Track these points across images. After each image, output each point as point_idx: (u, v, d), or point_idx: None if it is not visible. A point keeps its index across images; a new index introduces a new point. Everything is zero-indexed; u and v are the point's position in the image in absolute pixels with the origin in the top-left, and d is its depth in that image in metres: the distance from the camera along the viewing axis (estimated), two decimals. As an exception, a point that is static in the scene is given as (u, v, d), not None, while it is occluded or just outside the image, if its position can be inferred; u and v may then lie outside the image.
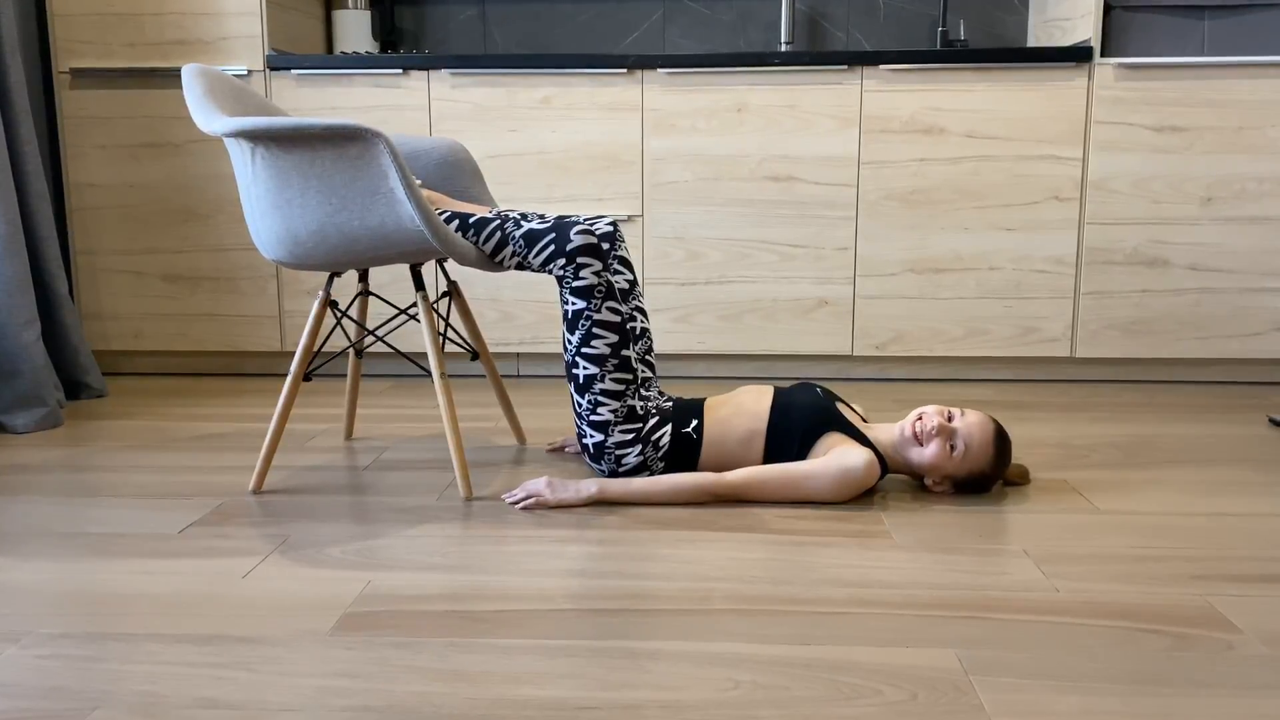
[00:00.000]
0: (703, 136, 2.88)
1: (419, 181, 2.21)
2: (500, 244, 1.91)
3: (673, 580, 1.53)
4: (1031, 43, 3.29)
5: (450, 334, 3.07)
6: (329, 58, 2.89)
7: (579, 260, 1.88)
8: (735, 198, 2.90)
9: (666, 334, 2.97)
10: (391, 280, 3.00)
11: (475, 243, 1.92)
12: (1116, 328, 2.89)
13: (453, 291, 2.18)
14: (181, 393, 2.88)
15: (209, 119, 1.81)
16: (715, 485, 1.85)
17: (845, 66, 2.82)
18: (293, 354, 3.07)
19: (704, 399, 2.01)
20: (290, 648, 1.31)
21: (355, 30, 3.29)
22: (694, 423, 1.95)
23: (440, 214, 1.95)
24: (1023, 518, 1.80)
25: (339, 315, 2.02)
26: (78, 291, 3.04)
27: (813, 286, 2.93)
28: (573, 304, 1.90)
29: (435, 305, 2.58)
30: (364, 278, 2.20)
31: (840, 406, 1.97)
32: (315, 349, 2.85)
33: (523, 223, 1.93)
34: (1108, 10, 2.80)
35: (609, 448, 1.92)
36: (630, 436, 1.92)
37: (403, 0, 3.44)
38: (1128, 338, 2.89)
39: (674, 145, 2.89)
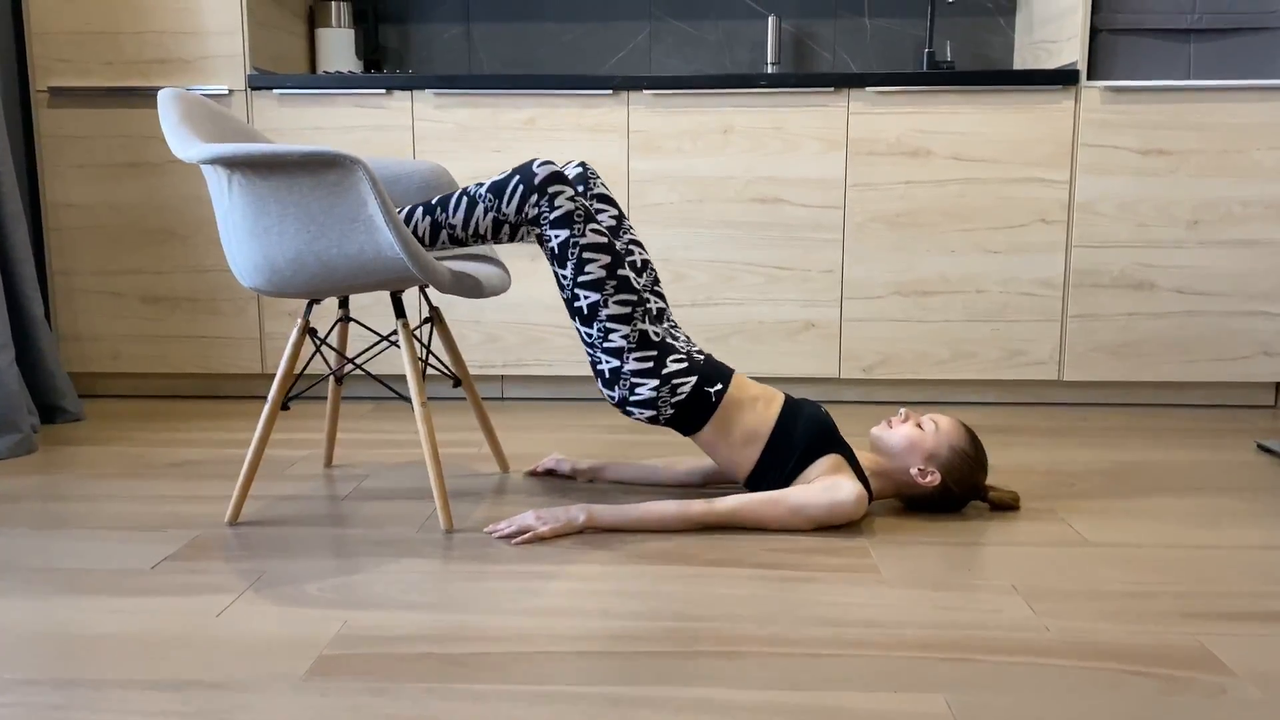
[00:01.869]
0: (688, 158, 2.86)
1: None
2: (469, 208, 1.86)
3: (657, 620, 1.49)
4: (1018, 64, 3.29)
5: (433, 360, 3.04)
6: (311, 77, 2.86)
7: (550, 190, 1.82)
8: (721, 219, 2.88)
9: (652, 356, 2.94)
10: (374, 301, 2.96)
11: (445, 219, 1.87)
12: (1104, 351, 2.88)
13: (435, 318, 2.15)
14: (159, 416, 2.84)
15: (184, 146, 1.78)
16: (704, 515, 1.83)
17: (832, 88, 2.81)
18: (273, 376, 3.03)
19: (734, 371, 1.96)
20: (263, 694, 1.28)
21: (339, 49, 3.26)
22: (719, 387, 1.90)
23: (401, 211, 1.92)
24: (1011, 550, 1.78)
25: (318, 343, 1.99)
26: (55, 313, 3.00)
27: (799, 309, 2.91)
28: (556, 236, 1.84)
29: (417, 331, 2.55)
30: (344, 303, 2.17)
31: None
32: (295, 375, 2.82)
33: (484, 182, 1.88)
34: (1094, 33, 2.79)
35: (625, 374, 1.86)
36: (648, 365, 1.86)
37: (387, 19, 3.41)
38: (1115, 361, 2.88)
39: (660, 167, 2.87)
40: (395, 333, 2.28)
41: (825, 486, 1.82)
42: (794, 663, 1.36)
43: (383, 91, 2.87)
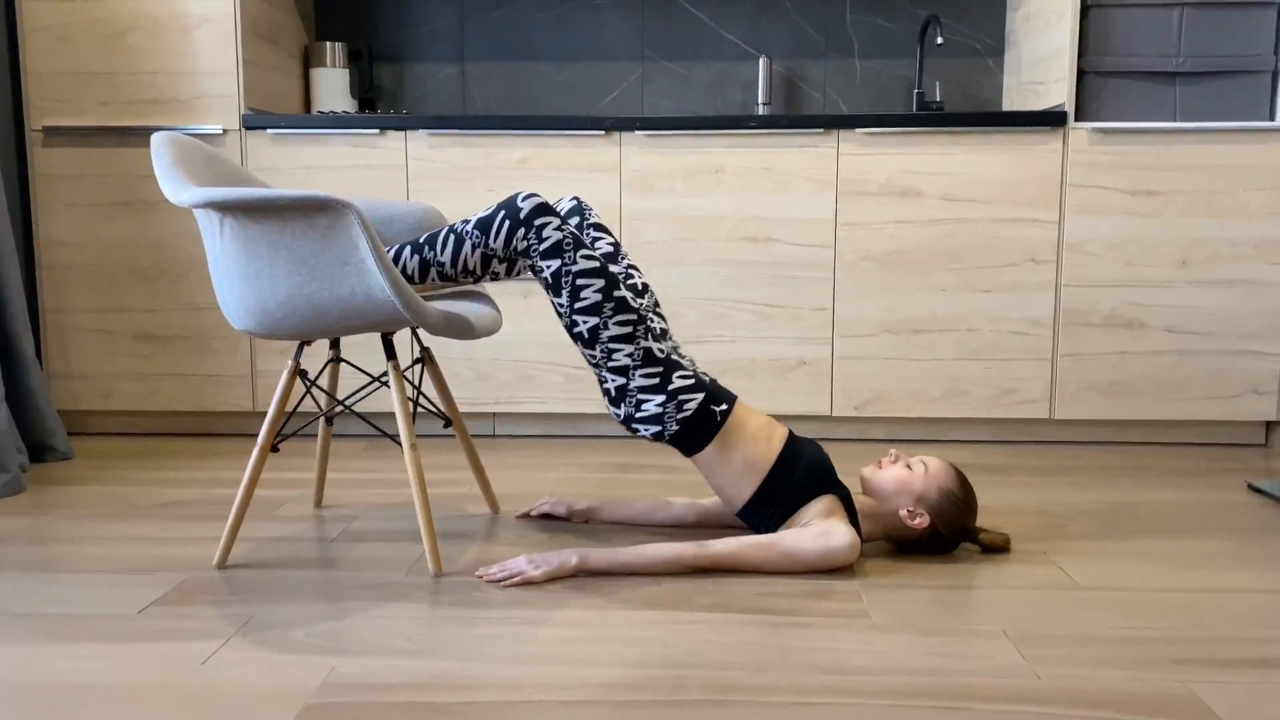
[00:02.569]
0: (680, 197, 2.88)
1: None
2: (457, 245, 1.87)
3: (646, 668, 1.49)
4: (1006, 106, 3.32)
5: (423, 399, 3.03)
6: (305, 117, 2.88)
7: (536, 222, 1.83)
8: (713, 258, 2.90)
9: (644, 395, 2.95)
10: (365, 340, 2.96)
11: (433, 257, 1.88)
12: (1095, 389, 2.89)
13: (426, 358, 2.15)
14: (149, 454, 2.83)
15: (177, 190, 1.79)
16: (697, 558, 1.82)
17: (822, 129, 2.83)
18: (264, 414, 3.02)
19: (737, 397, 1.96)
20: (247, 746, 1.26)
21: (334, 89, 3.28)
22: (725, 407, 1.90)
23: (390, 250, 1.92)
24: (1002, 594, 1.77)
25: (308, 384, 1.99)
26: (46, 350, 3.00)
27: (791, 346, 2.92)
28: (548, 267, 1.84)
29: (408, 372, 2.55)
30: (335, 343, 2.17)
31: None
32: (285, 415, 2.81)
33: (470, 219, 1.90)
34: (1081, 75, 2.82)
35: (631, 390, 1.86)
36: (655, 381, 1.86)
37: (382, 59, 3.44)
38: (1106, 399, 2.89)
39: (652, 205, 2.88)
40: (386, 373, 2.28)
41: (819, 533, 1.82)
42: (785, 712, 1.35)
43: (376, 131, 2.89)
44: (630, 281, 2.03)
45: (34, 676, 1.46)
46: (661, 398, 1.86)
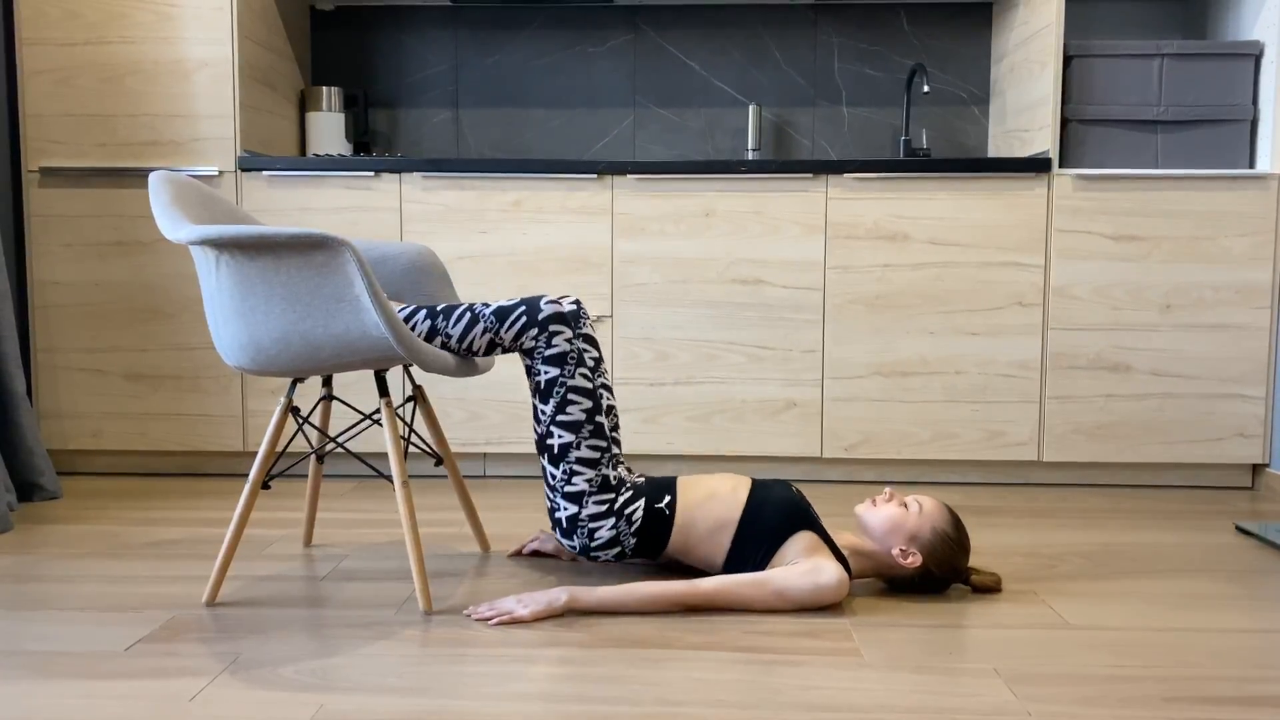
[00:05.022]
0: (671, 240, 2.91)
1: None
2: (470, 324, 1.93)
3: (638, 705, 1.48)
4: (992, 152, 3.38)
5: (415, 438, 3.04)
6: (300, 160, 2.91)
7: (551, 329, 1.91)
8: (703, 299, 2.92)
9: (635, 434, 2.96)
10: (357, 379, 2.97)
11: (444, 328, 1.93)
12: (1082, 432, 2.91)
13: (418, 396, 2.16)
14: (138, 494, 2.82)
15: (174, 227, 1.81)
16: (687, 596, 1.82)
17: (811, 175, 2.88)
18: (254, 455, 3.02)
19: (675, 477, 2.00)
20: (234, 782, 1.25)
21: (329, 132, 3.32)
22: (667, 499, 1.94)
23: (402, 310, 1.96)
24: (993, 633, 1.78)
25: (300, 422, 1.99)
26: (36, 389, 2.99)
27: (781, 388, 2.94)
28: (545, 373, 1.92)
29: (400, 410, 2.56)
30: (328, 381, 2.18)
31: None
32: (277, 454, 2.81)
33: (490, 302, 1.95)
34: (1064, 123, 2.88)
35: (582, 520, 1.92)
36: (604, 508, 1.92)
37: (377, 104, 3.49)
38: (1093, 442, 2.91)
39: (643, 248, 2.92)
40: (378, 411, 2.29)
41: (807, 569, 1.82)
42: (775, 749, 1.34)
43: (371, 174, 2.92)
44: (604, 403, 2.06)
45: (19, 714, 1.44)
46: (612, 520, 1.93)
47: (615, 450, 2.00)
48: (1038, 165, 2.83)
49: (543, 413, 1.93)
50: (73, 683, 1.55)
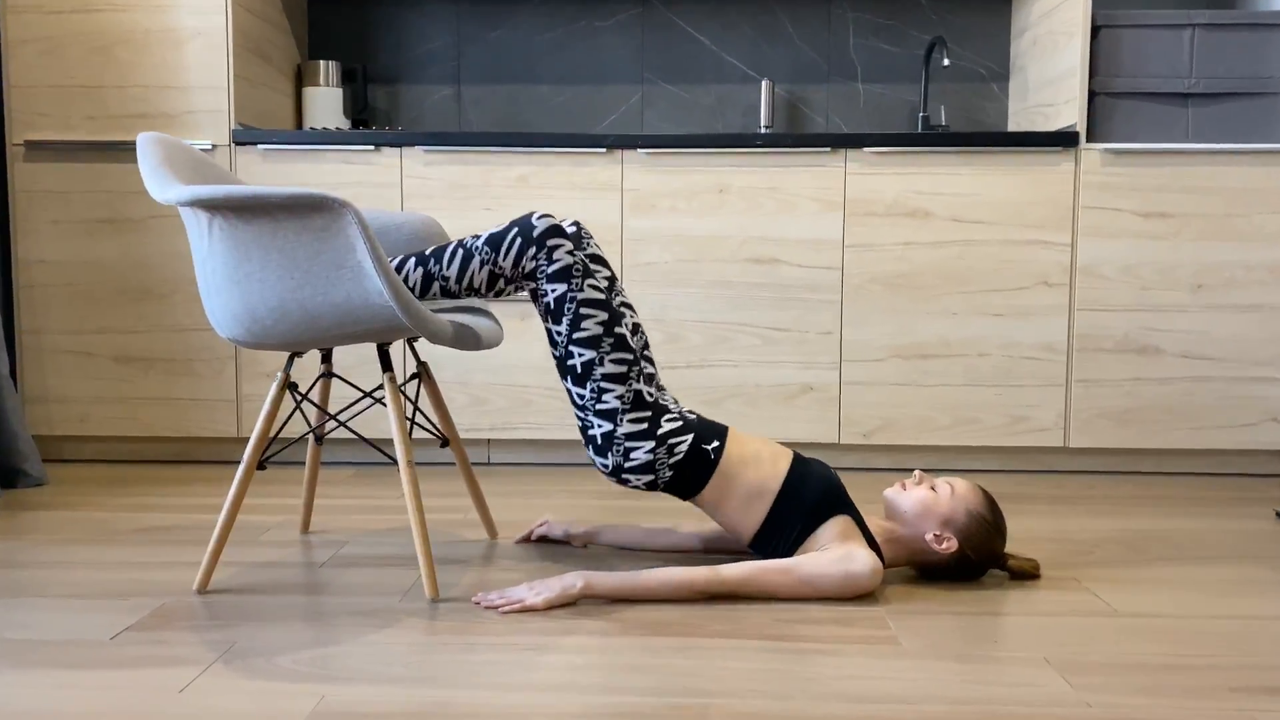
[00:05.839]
0: (683, 217, 2.80)
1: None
2: (465, 260, 1.79)
3: (663, 695, 1.37)
4: (1012, 130, 3.27)
5: (419, 418, 2.92)
6: (297, 133, 2.80)
7: (549, 243, 1.76)
8: (716, 279, 2.81)
9: (645, 421, 2.84)
10: (357, 363, 2.86)
11: (438, 271, 1.80)
12: (1108, 417, 2.80)
13: (422, 373, 2.05)
14: (128, 481, 2.70)
15: (163, 187, 1.69)
16: (710, 583, 1.71)
17: (828, 149, 2.77)
18: (249, 440, 2.90)
19: (728, 427, 1.87)
20: (227, 779, 1.14)
21: (326, 109, 3.21)
22: (716, 444, 1.81)
23: (392, 261, 1.83)
24: (1037, 620, 1.67)
25: (298, 398, 1.88)
26: (21, 372, 2.87)
27: (796, 371, 2.83)
28: (552, 291, 1.77)
29: (403, 388, 2.44)
30: (327, 358, 2.07)
31: None
32: (273, 434, 2.69)
33: (479, 233, 1.81)
34: (1092, 97, 2.77)
35: (618, 438, 1.77)
36: (642, 427, 1.77)
37: (376, 80, 3.37)
38: (1120, 428, 2.80)
39: (654, 226, 2.81)
40: (380, 388, 2.17)
41: (839, 557, 1.71)
42: (817, 742, 1.24)
43: (371, 148, 2.81)
44: (624, 319, 1.94)
45: (-6, 705, 1.33)
46: (651, 444, 1.78)
47: (649, 369, 1.86)
48: (1065, 140, 2.73)
49: (557, 334, 1.78)
50: (53, 673, 1.43)
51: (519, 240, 1.77)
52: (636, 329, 1.94)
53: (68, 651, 1.51)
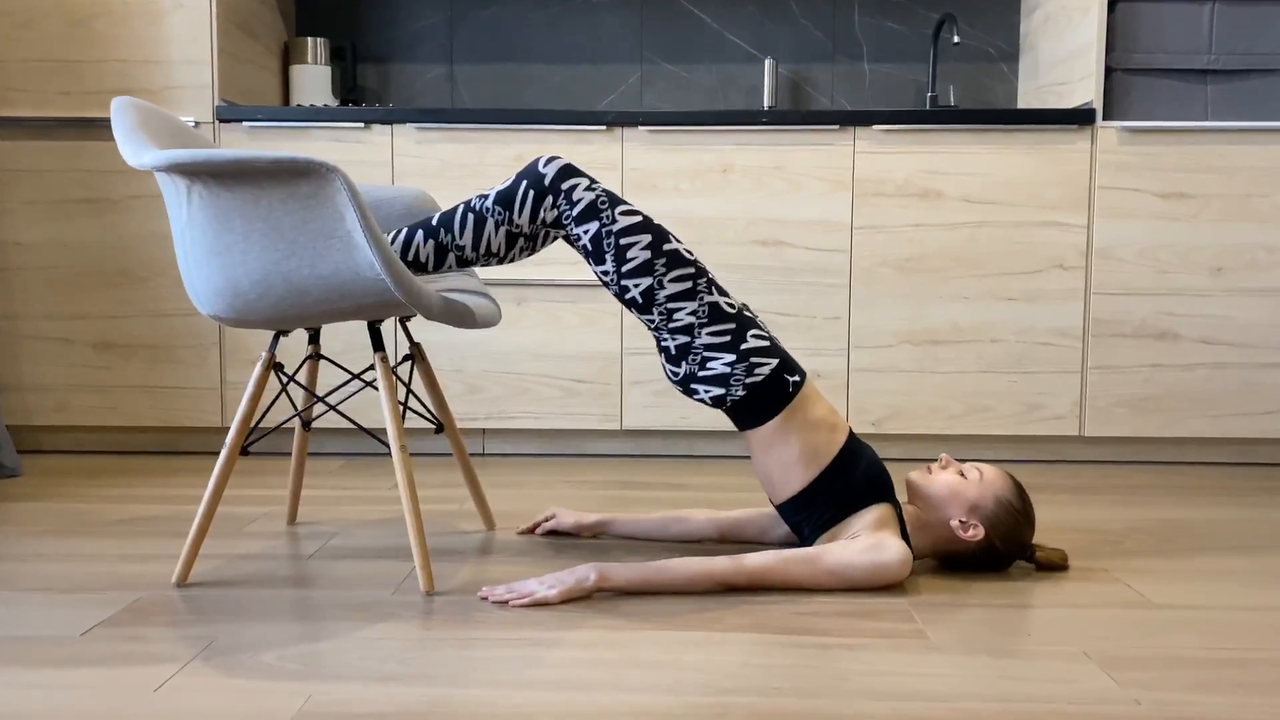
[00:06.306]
0: (686, 198, 2.70)
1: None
2: (478, 225, 1.66)
3: (680, 694, 1.27)
4: (1023, 110, 3.18)
5: (413, 403, 2.82)
6: (284, 110, 2.68)
7: (563, 186, 1.64)
8: (720, 262, 2.71)
9: (645, 409, 2.74)
10: (346, 349, 2.75)
11: (451, 242, 1.68)
12: (1125, 405, 2.71)
13: (416, 355, 1.94)
14: (108, 472, 2.58)
15: (138, 152, 1.58)
16: (731, 573, 1.61)
17: (836, 126, 2.67)
18: (235, 430, 2.79)
19: (807, 374, 1.75)
20: (204, 787, 1.03)
21: (314, 87, 3.09)
22: (797, 379, 1.69)
23: (391, 236, 1.71)
24: (1072, 613, 1.57)
25: (284, 380, 1.77)
26: (-4, 360, 2.76)
27: (803, 358, 2.73)
28: (585, 232, 1.64)
29: (396, 371, 2.34)
30: (315, 339, 1.96)
31: None
32: (257, 419, 2.58)
33: (487, 193, 1.69)
34: (1108, 73, 2.68)
35: (696, 348, 1.65)
36: (725, 339, 1.65)
37: (366, 58, 3.26)
38: (1137, 416, 2.71)
39: (655, 206, 2.70)
40: (370, 369, 2.06)
41: (868, 545, 1.61)
42: (850, 744, 1.14)
43: (361, 125, 2.70)
44: (671, 235, 1.81)
45: (-50, 706, 1.22)
46: (731, 356, 1.65)
47: (709, 277, 1.70)
48: (1081, 117, 2.63)
49: (605, 274, 1.65)
50: (17, 671, 1.32)
51: (531, 193, 1.65)
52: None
53: (34, 648, 1.40)
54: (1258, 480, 2.57)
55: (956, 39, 2.86)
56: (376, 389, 1.70)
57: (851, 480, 1.67)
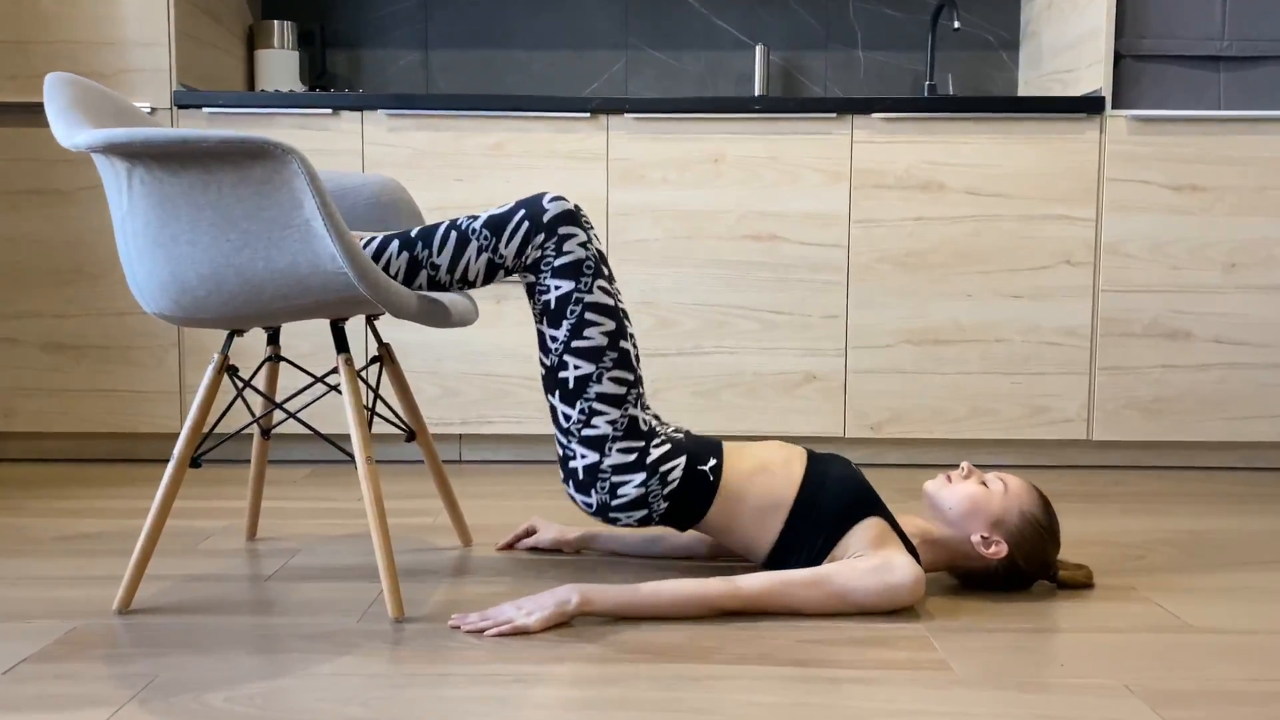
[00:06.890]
0: (675, 189, 2.55)
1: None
2: (459, 245, 1.51)
3: (680, 741, 1.12)
4: (1024, 100, 3.05)
5: (381, 409, 2.66)
6: (247, 95, 2.52)
7: (560, 232, 1.51)
8: (711, 258, 2.57)
9: (633, 413, 2.59)
10: (312, 350, 2.58)
11: (427, 258, 1.53)
12: (1135, 407, 2.58)
13: (384, 356, 1.78)
14: (56, 482, 2.41)
15: (72, 131, 1.42)
16: (727, 597, 1.46)
17: (833, 114, 2.53)
18: (194, 436, 2.62)
19: (721, 440, 1.63)
20: None
21: (281, 73, 2.93)
22: (713, 461, 1.57)
23: (365, 241, 1.56)
24: (1103, 638, 1.43)
25: (240, 385, 1.61)
26: (-63, 362, 2.58)
27: (799, 359, 2.59)
28: (557, 288, 1.52)
29: (363, 373, 2.18)
30: (274, 339, 1.80)
31: None
32: (211, 426, 2.42)
33: (476, 214, 1.55)
34: (1116, 60, 2.55)
35: (604, 471, 1.53)
36: (632, 459, 1.53)
37: (336, 43, 3.10)
38: (1147, 419, 2.58)
39: (643, 199, 2.55)
40: (334, 372, 1.90)
41: (875, 566, 1.47)
42: (878, 804, 0.99)
43: (329, 111, 2.53)
44: (629, 334, 1.68)
45: None
46: (641, 475, 1.54)
47: (641, 389, 1.60)
48: (1090, 105, 2.50)
49: (552, 339, 1.53)
50: (-77, 719, 1.16)
51: (526, 224, 1.51)
52: (632, 338, 1.68)
53: (-53, 690, 1.24)
54: (1276, 486, 2.45)
55: (957, 24, 2.73)
56: (340, 393, 1.54)
57: (823, 509, 1.53)
